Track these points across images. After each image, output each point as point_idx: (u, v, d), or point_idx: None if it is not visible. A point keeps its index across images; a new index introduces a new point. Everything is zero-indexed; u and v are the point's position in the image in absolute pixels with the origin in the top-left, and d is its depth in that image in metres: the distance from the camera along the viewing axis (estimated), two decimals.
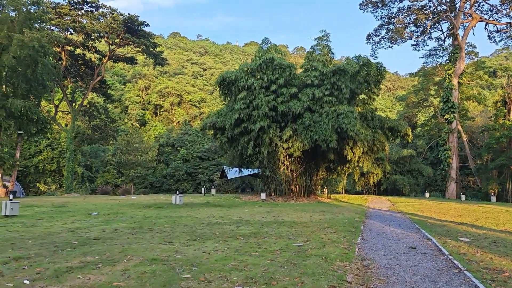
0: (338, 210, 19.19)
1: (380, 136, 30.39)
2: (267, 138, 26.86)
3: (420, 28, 54.88)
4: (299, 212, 17.44)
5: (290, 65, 27.22)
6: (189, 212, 16.41)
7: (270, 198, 28.62)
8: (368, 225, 12.82)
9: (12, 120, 28.53)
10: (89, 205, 20.58)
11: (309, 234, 10.10)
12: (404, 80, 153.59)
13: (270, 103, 26.51)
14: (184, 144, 78.44)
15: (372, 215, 16.79)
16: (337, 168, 32.90)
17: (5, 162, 28.71)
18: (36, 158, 50.94)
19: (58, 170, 50.47)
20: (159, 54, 46.50)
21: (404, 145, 59.87)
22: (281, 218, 14.35)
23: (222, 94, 29.70)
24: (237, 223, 12.56)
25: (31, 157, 51.42)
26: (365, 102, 31.51)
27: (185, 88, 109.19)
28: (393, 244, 9.14)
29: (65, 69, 45.74)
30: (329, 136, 25.40)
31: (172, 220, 13.35)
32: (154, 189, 69.96)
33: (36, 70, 28.47)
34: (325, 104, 26.62)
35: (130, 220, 13.30)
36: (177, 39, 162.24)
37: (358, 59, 28.71)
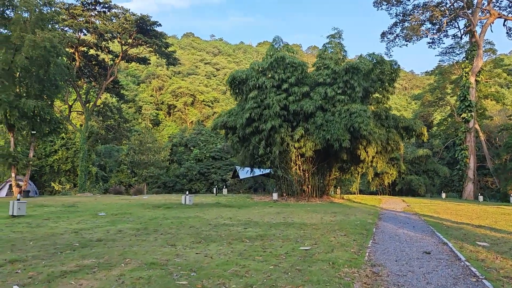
0: (351, 211, 18.70)
1: (395, 135, 29.72)
2: (279, 138, 26.46)
3: (436, 25, 53.78)
4: (310, 213, 17.03)
5: (302, 64, 26.77)
6: (197, 213, 16.15)
7: (282, 198, 28.24)
8: (380, 228, 12.35)
9: (25, 120, 28.78)
10: (99, 205, 20.51)
11: (318, 237, 9.71)
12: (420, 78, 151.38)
13: (281, 102, 26.11)
14: (197, 144, 78.53)
15: (386, 217, 16.28)
16: (350, 168, 32.31)
17: (18, 162, 28.93)
18: (51, 158, 51.52)
19: (73, 169, 50.94)
20: (171, 54, 46.49)
21: (420, 144, 58.79)
22: (291, 220, 13.96)
23: (233, 94, 29.40)
24: (245, 225, 12.23)
25: (46, 157, 52.02)
26: (379, 101, 30.85)
27: (198, 88, 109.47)
28: (406, 248, 8.69)
29: (78, 69, 46.12)
30: (341, 135, 24.89)
31: (179, 221, 13.09)
32: (167, 188, 70.19)
33: (49, 71, 28.65)
34: (337, 103, 26.10)
35: (137, 220, 13.09)
36: (191, 40, 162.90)
37: (371, 57, 28.14)
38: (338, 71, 26.35)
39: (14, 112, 26.80)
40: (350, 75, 25.98)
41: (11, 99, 26.27)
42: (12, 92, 26.91)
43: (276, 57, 26.43)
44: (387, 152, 30.62)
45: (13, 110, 26.73)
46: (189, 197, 21.01)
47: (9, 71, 27.43)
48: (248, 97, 26.69)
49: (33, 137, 30.56)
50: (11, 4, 26.75)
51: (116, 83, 50.85)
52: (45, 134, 30.77)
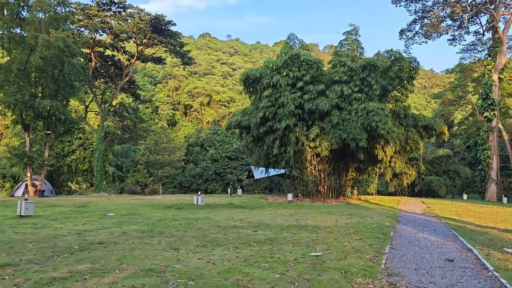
0: (368, 213, 17.99)
1: (414, 134, 28.79)
2: (293, 137, 25.87)
3: (457, 22, 52.17)
4: (324, 215, 16.40)
5: (317, 61, 26.10)
6: (208, 214, 15.70)
7: (297, 199, 27.61)
8: (399, 231, 11.66)
9: (40, 120, 28.90)
10: (110, 205, 20.29)
11: (331, 241, 9.11)
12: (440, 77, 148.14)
13: (296, 100, 25.52)
14: (213, 144, 78.42)
15: (404, 219, 15.52)
16: (367, 168, 31.48)
17: (33, 162, 29.06)
18: (69, 158, 52.01)
19: (90, 169, 51.29)
20: (186, 54, 46.32)
21: (440, 144, 57.29)
22: (304, 222, 13.38)
23: (247, 92, 28.94)
24: (255, 227, 11.71)
25: (64, 156, 52.54)
26: (397, 99, 29.94)
27: (215, 88, 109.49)
28: (427, 254, 8.02)
29: (95, 70, 46.39)
30: (358, 134, 24.15)
31: (187, 222, 12.66)
32: (183, 189, 70.26)
33: (63, 71, 28.69)
34: (354, 101, 25.37)
35: (145, 222, 12.71)
36: (207, 40, 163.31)
37: (389, 53, 27.30)
38: (355, 69, 25.60)
39: (29, 112, 26.90)
40: (367, 72, 25.20)
41: (26, 99, 26.34)
42: (27, 92, 26.98)
43: (291, 55, 25.84)
44: (406, 152, 29.70)
45: (28, 110, 26.83)
46: (201, 198, 20.60)
47: (25, 72, 27.55)
48: (262, 96, 26.18)
49: (48, 137, 30.68)
50: (26, 4, 26.83)
51: (132, 83, 50.99)
52: (60, 134, 30.88)
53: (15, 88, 26.31)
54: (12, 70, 26.33)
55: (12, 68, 26.29)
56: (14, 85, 26.56)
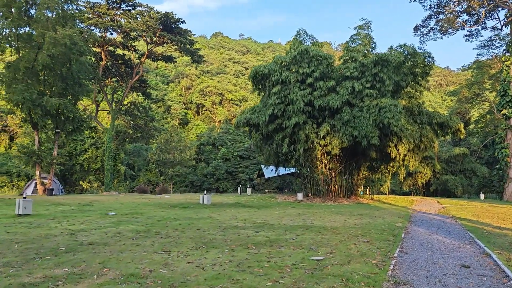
0: (379, 213, 17.25)
1: (428, 132, 27.84)
2: (303, 135, 25.21)
3: (474, 17, 50.62)
4: (333, 215, 15.73)
5: (327, 57, 25.37)
6: (212, 214, 15.18)
7: (307, 198, 26.93)
8: (411, 233, 10.95)
9: (48, 118, 28.82)
10: (115, 204, 19.94)
11: (336, 244, 8.47)
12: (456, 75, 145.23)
13: (305, 97, 24.84)
14: (225, 143, 78.10)
15: (417, 220, 14.75)
16: (380, 167, 30.60)
17: (42, 160, 28.99)
18: (81, 157, 52.18)
19: (102, 168, 51.33)
20: (196, 51, 45.92)
21: (456, 143, 55.84)
22: (311, 222, 12.75)
23: (256, 89, 28.39)
24: (258, 228, 11.13)
25: (77, 155, 52.75)
26: (411, 96, 29.01)
27: (227, 87, 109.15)
28: (440, 259, 7.33)
29: (106, 69, 46.36)
30: (370, 132, 23.37)
31: (188, 222, 12.14)
32: (194, 187, 70.06)
33: (71, 69, 28.54)
34: (365, 97, 24.57)
35: (144, 221, 12.24)
36: (219, 39, 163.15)
37: (402, 48, 26.45)
38: (366, 64, 24.79)
39: (37, 110, 26.80)
40: (379, 67, 24.38)
41: (34, 97, 26.23)
42: (35, 90, 26.87)
43: (300, 50, 25.17)
44: (420, 150, 28.76)
45: (36, 108, 26.72)
46: (207, 197, 20.11)
47: (33, 70, 27.46)
48: (271, 93, 25.58)
49: (57, 135, 30.62)
50: (33, 2, 26.72)
51: (143, 82, 50.85)
52: (69, 133, 30.77)
53: (23, 86, 26.21)
54: (20, 68, 26.23)
55: (19, 66, 26.20)
56: (22, 83, 26.46)
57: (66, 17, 27.67)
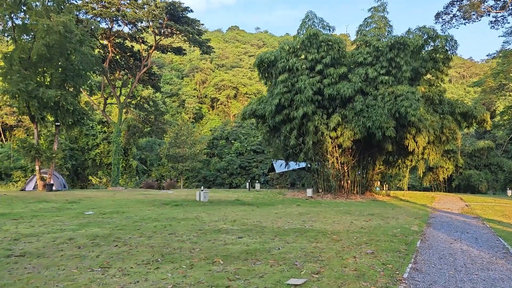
0: (393, 212, 15.27)
1: (450, 123, 25.48)
2: (312, 126, 23.30)
3: (500, 2, 47.47)
4: (340, 215, 13.85)
5: (338, 41, 23.30)
6: (201, 213, 13.49)
7: (318, 195, 25.04)
8: (428, 240, 9.01)
9: (46, 110, 27.63)
10: (107, 201, 18.49)
11: (330, 257, 6.65)
12: (480, 66, 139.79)
13: (315, 85, 22.91)
14: (238, 137, 76.45)
15: (437, 222, 12.73)
16: (397, 161, 28.40)
17: (41, 155, 27.84)
18: (93, 152, 51.57)
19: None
20: (204, 42, 44.21)
21: (480, 135, 52.81)
22: (310, 225, 10.92)
23: (262, 78, 26.56)
24: (244, 232, 9.38)
25: (89, 150, 52.15)
26: (431, 83, 26.65)
27: (241, 81, 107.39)
28: (466, 282, 5.44)
29: (114, 61, 45.20)
30: (385, 122, 21.31)
31: (166, 224, 10.48)
32: (207, 183, 68.76)
33: (70, 59, 27.25)
34: (380, 85, 22.47)
35: (116, 223, 10.64)
36: (235, 33, 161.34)
37: (422, 31, 24.12)
38: (381, 48, 22.68)
39: (34, 102, 25.60)
40: (395, 52, 22.24)
41: (30, 89, 25.01)
42: (32, 81, 25.64)
43: (309, 35, 23.20)
44: (441, 143, 26.43)
45: (33, 100, 25.52)
46: (204, 194, 18.45)
47: (30, 60, 26.26)
48: (277, 81, 23.72)
49: (57, 129, 29.46)
50: None
51: (152, 75, 49.54)
52: (69, 126, 29.51)
53: (18, 77, 25.02)
54: (14, 59, 25.03)
55: (14, 56, 25.01)
56: (17, 74, 25.27)
57: (61, 4, 26.30)
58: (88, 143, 52.64)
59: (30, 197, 19.25)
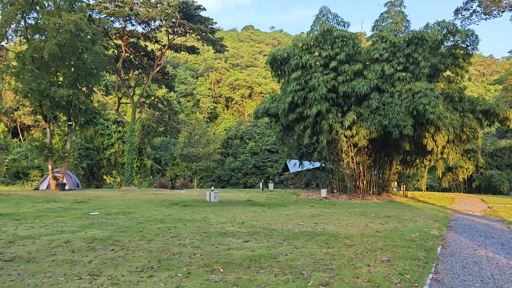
0: (411, 214, 14.53)
1: (471, 121, 24.50)
2: (326, 125, 22.64)
3: None
4: (354, 217, 13.20)
5: (353, 37, 22.58)
6: (210, 214, 13.02)
7: (332, 195, 24.36)
8: (450, 245, 8.34)
9: (58, 110, 27.63)
10: (116, 201, 18.21)
11: (342, 265, 6.08)
12: (501, 63, 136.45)
13: (329, 83, 22.23)
14: (253, 137, 75.93)
15: (458, 225, 11.98)
16: (415, 161, 27.50)
17: (54, 154, 27.85)
18: (108, 151, 51.83)
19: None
20: (218, 41, 43.83)
21: (502, 134, 51.19)
22: (322, 228, 10.33)
23: (275, 76, 26.00)
24: (252, 235, 8.86)
25: (104, 150, 52.43)
26: (450, 80, 25.68)
27: (256, 80, 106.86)
28: None
29: (128, 61, 45.24)
30: (402, 120, 20.54)
31: (170, 226, 10.03)
32: (222, 182, 68.43)
33: (82, 58, 27.18)
34: (397, 81, 21.69)
35: (119, 224, 10.24)
36: (250, 32, 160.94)
37: (441, 25, 23.22)
38: (398, 44, 21.85)
39: (46, 101, 25.58)
40: (413, 47, 21.42)
41: (41, 88, 24.99)
42: (44, 80, 25.61)
43: (322, 31, 22.53)
44: (461, 142, 25.46)
45: (45, 99, 25.52)
46: (214, 194, 17.99)
47: (42, 59, 26.28)
48: (290, 79, 23.12)
49: (70, 128, 29.45)
50: None
51: (165, 74, 49.44)
52: (81, 125, 29.46)
53: (30, 76, 25.02)
54: (26, 58, 25.05)
55: (26, 56, 25.03)
56: (29, 73, 25.29)
57: (73, 3, 26.21)
58: (103, 143, 52.90)
59: (40, 197, 19.11)
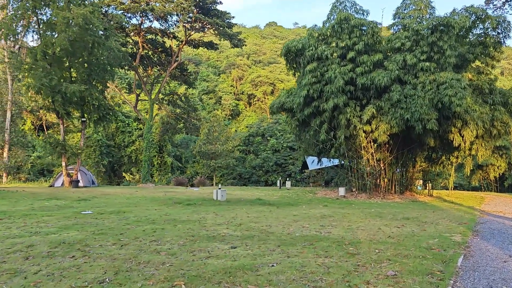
0: (434, 216, 13.14)
1: (503, 114, 22.57)
2: (344, 120, 21.34)
3: None
4: (369, 218, 11.96)
5: (373, 25, 21.17)
6: (209, 215, 12.04)
7: (352, 194, 23.03)
8: (474, 256, 7.05)
9: (71, 106, 27.34)
10: (121, 198, 17.54)
11: (334, 281, 4.95)
12: None
13: (346, 75, 20.92)
14: (274, 134, 74.78)
15: (486, 229, 10.57)
16: (441, 158, 25.77)
17: (67, 150, 27.59)
18: (129, 148, 51.96)
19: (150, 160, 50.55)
20: (235, 35, 42.93)
21: None
22: (328, 231, 9.18)
23: (290, 68, 24.84)
24: (243, 240, 7.81)
25: (125, 147, 52.60)
26: (480, 71, 23.81)
27: (278, 77, 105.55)
28: None
29: (147, 58, 44.98)
30: (425, 114, 19.04)
31: (157, 228, 9.09)
32: (243, 180, 67.59)
33: (94, 53, 26.75)
34: (420, 72, 20.14)
35: (106, 225, 9.39)
36: (273, 28, 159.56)
37: (468, 11, 21.45)
38: (421, 31, 20.28)
39: (57, 97, 25.28)
40: (438, 35, 19.83)
41: (53, 84, 24.68)
42: (56, 76, 25.30)
43: (339, 19, 21.21)
44: (491, 137, 23.56)
45: (56, 95, 25.21)
46: (221, 192, 17.02)
47: (54, 55, 26.00)
48: (305, 71, 21.91)
49: (84, 124, 29.16)
50: None
51: (184, 70, 48.97)
52: (95, 121, 29.12)
53: (41, 72, 24.74)
54: (37, 53, 24.79)
55: (37, 51, 24.77)
56: (40, 69, 25.01)
57: None
58: (124, 140, 53.08)
59: (46, 194, 18.68)
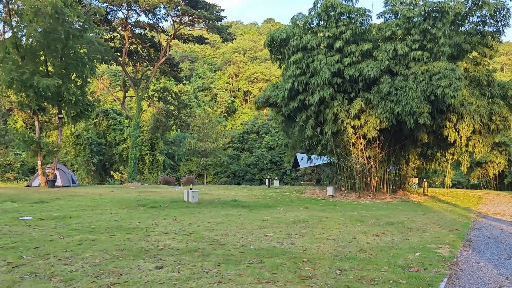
0: (422, 220, 11.69)
1: (502, 108, 21.10)
2: (331, 114, 19.87)
3: None
4: (348, 223, 10.50)
5: (361, 12, 19.67)
6: (167, 220, 10.58)
7: (340, 193, 21.59)
8: (461, 279, 5.55)
9: (46, 101, 25.88)
10: (84, 200, 16.07)
11: None
12: None
13: (333, 66, 19.44)
14: (269, 131, 73.30)
15: (480, 238, 9.09)
16: (435, 155, 24.31)
17: (42, 148, 26.12)
18: (120, 146, 50.65)
19: (141, 158, 49.23)
20: (224, 29, 41.40)
21: None
22: (292, 242, 7.72)
23: (275, 60, 23.32)
24: (181, 255, 6.36)
25: (116, 145, 51.28)
26: (477, 62, 22.32)
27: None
28: None
29: (136, 53, 43.51)
30: (417, 107, 17.57)
31: (88, 239, 7.63)
32: (237, 178, 66.09)
33: (69, 45, 25.26)
34: (412, 62, 18.67)
35: (27, 235, 7.94)
36: (270, 25, 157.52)
37: None
38: (413, 18, 18.79)
39: (29, 92, 23.80)
40: (430, 21, 18.35)
41: (24, 78, 23.21)
42: (29, 69, 23.82)
43: (325, 6, 19.69)
44: (489, 133, 22.10)
45: (28, 90, 23.75)
46: (192, 193, 15.55)
47: (27, 47, 24.53)
48: (290, 62, 20.42)
49: (60, 121, 27.68)
50: None
51: (174, 66, 47.47)
52: (73, 118, 27.64)
53: (11, 65, 23.26)
54: (6, 46, 23.32)
55: (6, 43, 23.29)
56: (10, 61, 23.54)
57: None
58: (116, 138, 51.75)
59: (8, 195, 17.27)
